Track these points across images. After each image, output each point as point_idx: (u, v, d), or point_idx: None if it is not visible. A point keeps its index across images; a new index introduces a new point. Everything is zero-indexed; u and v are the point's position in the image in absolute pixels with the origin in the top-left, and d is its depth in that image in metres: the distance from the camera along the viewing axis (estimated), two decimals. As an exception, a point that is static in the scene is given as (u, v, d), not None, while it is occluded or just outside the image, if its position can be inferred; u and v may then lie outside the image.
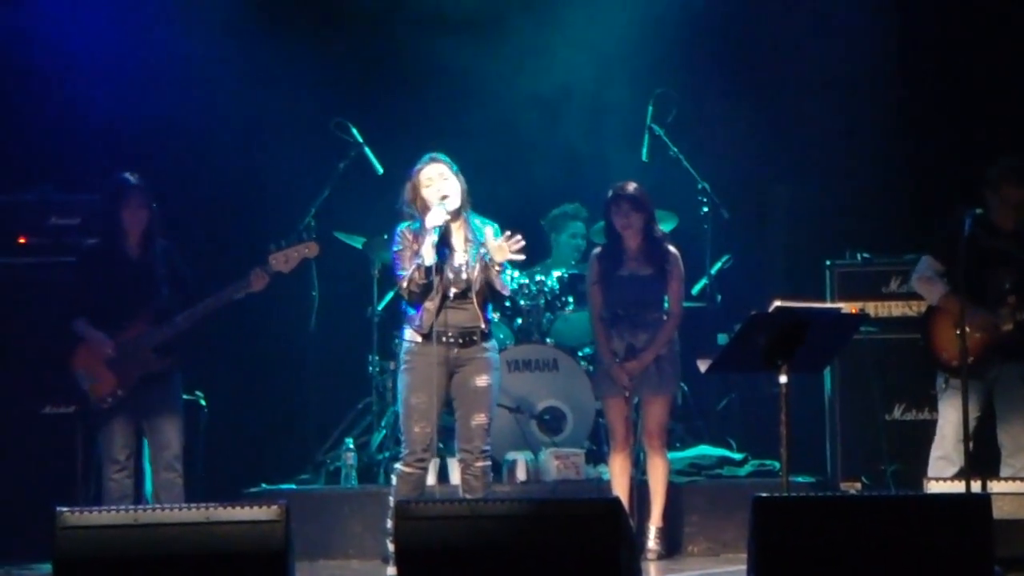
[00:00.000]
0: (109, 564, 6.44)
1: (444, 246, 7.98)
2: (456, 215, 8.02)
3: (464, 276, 8.01)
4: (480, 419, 8.04)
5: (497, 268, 8.00)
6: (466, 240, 8.07)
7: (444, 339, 7.96)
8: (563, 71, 10.80)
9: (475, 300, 8.02)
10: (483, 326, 8.06)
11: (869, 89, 10.62)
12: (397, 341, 8.62)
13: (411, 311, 8.06)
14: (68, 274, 9.01)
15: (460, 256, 8.03)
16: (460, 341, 8.02)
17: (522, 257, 8.14)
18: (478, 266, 8.01)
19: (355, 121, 10.33)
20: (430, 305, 7.97)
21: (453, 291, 7.99)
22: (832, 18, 10.69)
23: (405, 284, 7.99)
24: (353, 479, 9.74)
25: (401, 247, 8.06)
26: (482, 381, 8.05)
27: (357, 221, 10.29)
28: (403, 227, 8.10)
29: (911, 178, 10.56)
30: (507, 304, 10.34)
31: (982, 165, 8.83)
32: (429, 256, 7.90)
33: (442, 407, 8.04)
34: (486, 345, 8.09)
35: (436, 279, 7.92)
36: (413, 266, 7.94)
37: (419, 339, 8.02)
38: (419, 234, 8.02)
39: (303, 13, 11.04)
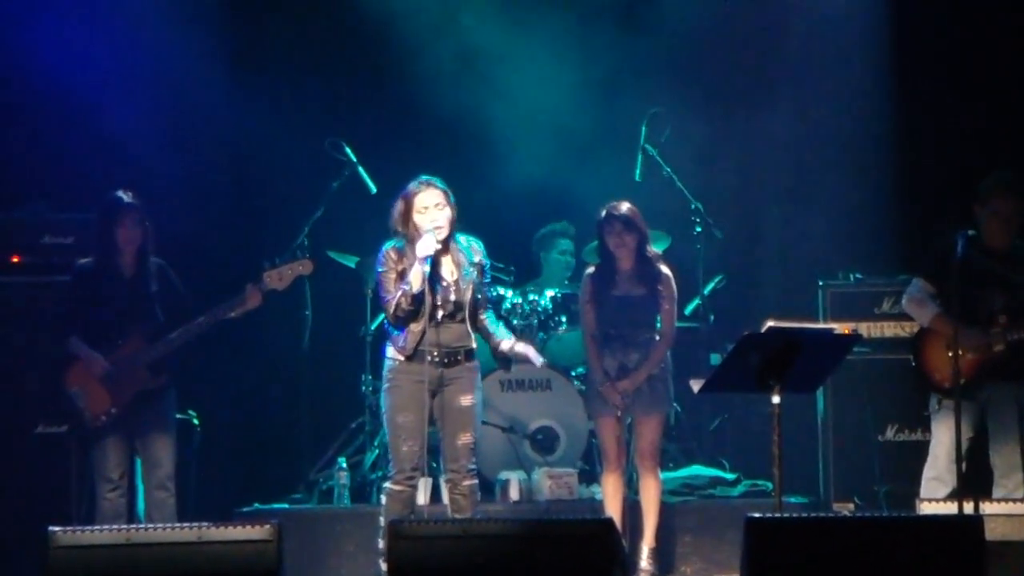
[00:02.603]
0: (101, 584, 6.43)
1: (432, 271, 7.96)
2: (445, 242, 8.02)
3: (453, 297, 8.01)
4: (466, 438, 8.04)
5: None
6: (455, 261, 8.06)
7: (429, 358, 7.96)
8: (557, 91, 10.83)
9: (463, 320, 8.02)
10: (471, 345, 8.06)
11: (862, 110, 10.65)
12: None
13: (395, 332, 8.06)
14: (61, 293, 9.01)
15: (449, 276, 8.03)
16: (445, 360, 8.02)
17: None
18: (469, 287, 8.02)
19: (349, 140, 10.34)
20: (415, 327, 7.97)
21: (440, 313, 7.99)
22: (825, 40, 10.73)
23: (392, 309, 7.98)
24: (346, 498, 9.73)
25: (385, 268, 8.05)
26: (467, 400, 8.05)
27: (351, 240, 10.29)
28: (388, 247, 8.09)
29: (904, 199, 10.59)
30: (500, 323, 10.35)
31: (974, 186, 8.85)
32: (417, 284, 7.89)
33: (428, 425, 8.02)
34: (469, 364, 8.09)
35: (427, 301, 7.90)
36: (400, 291, 7.93)
37: (402, 358, 8.02)
38: (404, 254, 8.01)
39: (298, 32, 11.06)
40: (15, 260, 9.63)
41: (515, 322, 10.30)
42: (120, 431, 8.74)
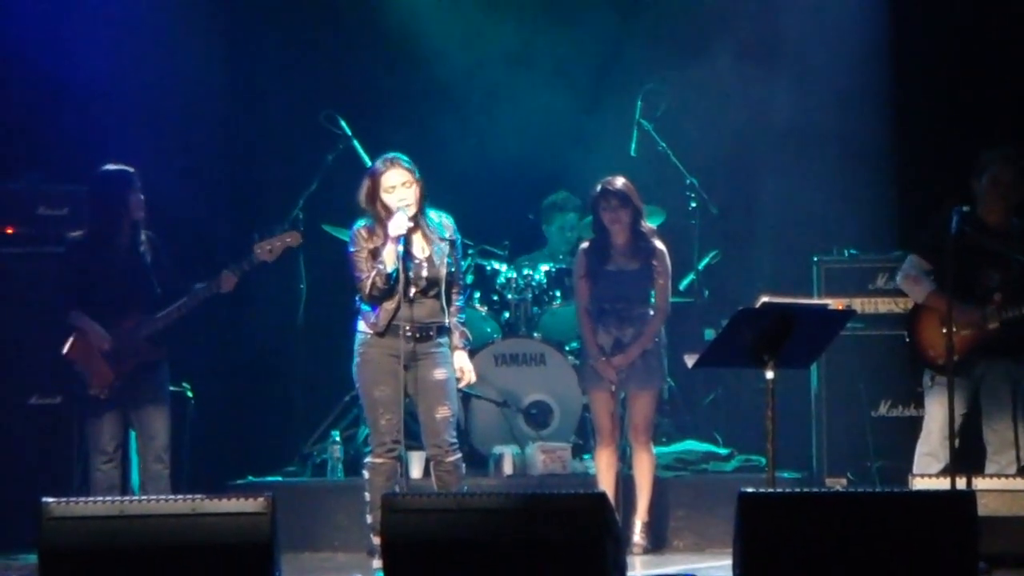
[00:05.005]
0: (95, 555, 6.44)
1: (404, 249, 7.93)
2: (415, 219, 8.01)
3: (425, 274, 7.99)
4: (444, 412, 8.03)
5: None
6: (426, 238, 8.04)
7: (402, 332, 7.95)
8: (554, 66, 10.82)
9: (437, 295, 8.00)
10: (443, 320, 8.04)
11: (858, 85, 10.62)
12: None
13: (366, 308, 8.05)
14: (55, 264, 9.00)
15: (421, 253, 8.00)
16: (417, 336, 8.00)
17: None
18: (443, 263, 8.00)
19: (344, 113, 10.32)
20: (388, 305, 7.96)
21: (413, 290, 7.97)
22: (821, 14, 10.70)
23: (367, 289, 7.96)
24: (339, 472, 9.74)
25: (357, 248, 8.02)
26: (440, 374, 8.04)
27: (345, 214, 10.25)
28: (358, 226, 8.06)
29: (899, 175, 10.58)
30: (495, 298, 10.36)
31: (970, 162, 8.85)
32: (391, 263, 7.87)
33: (403, 398, 8.02)
34: (440, 340, 8.07)
35: (400, 279, 7.89)
36: (374, 271, 7.92)
37: (374, 332, 8.01)
38: (374, 232, 7.98)
39: (293, 3, 11.03)
40: (9, 231, 9.62)
41: (509, 296, 10.31)
42: (116, 404, 8.74)
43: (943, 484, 7.96)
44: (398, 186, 7.96)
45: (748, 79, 10.82)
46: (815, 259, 9.96)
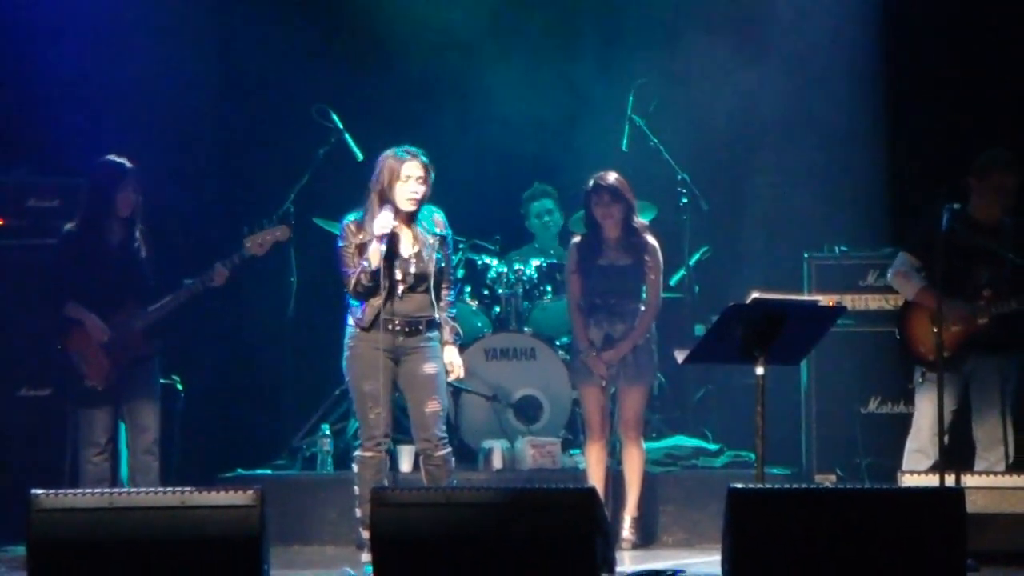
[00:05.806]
0: (84, 547, 6.45)
1: (392, 246, 7.93)
2: (406, 216, 8.01)
3: (413, 270, 7.99)
4: (433, 406, 8.03)
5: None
6: (415, 234, 8.04)
7: (389, 327, 7.96)
8: (545, 60, 10.82)
9: (426, 290, 8.00)
10: (432, 315, 8.04)
11: (849, 82, 10.63)
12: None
13: (354, 303, 8.06)
14: (46, 256, 8.98)
15: (410, 249, 8.01)
16: (406, 330, 8.01)
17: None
18: (431, 259, 8.00)
19: (336, 107, 10.32)
20: (375, 301, 7.96)
21: (401, 288, 7.98)
22: (813, 11, 10.71)
23: (352, 285, 7.98)
24: (329, 465, 9.74)
25: (345, 243, 8.04)
26: (430, 368, 8.05)
27: (336, 207, 10.25)
28: (348, 220, 8.07)
29: (889, 172, 10.59)
30: (485, 292, 10.36)
31: (960, 160, 8.85)
32: (376, 260, 7.88)
33: (392, 392, 8.04)
34: (430, 335, 8.08)
35: (385, 276, 7.89)
36: (359, 267, 7.93)
37: (360, 328, 8.02)
38: (363, 226, 8.00)
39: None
40: (0, 223, 9.61)
41: (500, 291, 10.31)
42: (109, 396, 8.74)
43: (932, 481, 7.97)
44: (413, 178, 7.98)
45: (740, 75, 10.82)
46: (806, 256, 9.97)
